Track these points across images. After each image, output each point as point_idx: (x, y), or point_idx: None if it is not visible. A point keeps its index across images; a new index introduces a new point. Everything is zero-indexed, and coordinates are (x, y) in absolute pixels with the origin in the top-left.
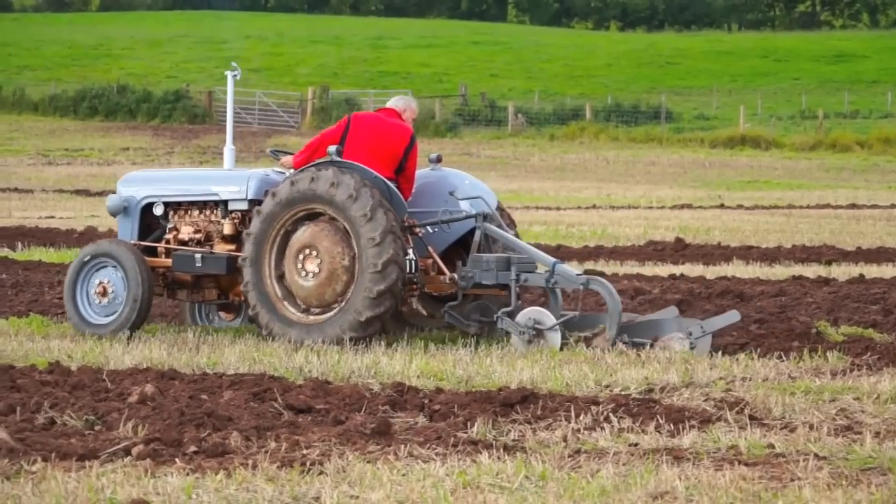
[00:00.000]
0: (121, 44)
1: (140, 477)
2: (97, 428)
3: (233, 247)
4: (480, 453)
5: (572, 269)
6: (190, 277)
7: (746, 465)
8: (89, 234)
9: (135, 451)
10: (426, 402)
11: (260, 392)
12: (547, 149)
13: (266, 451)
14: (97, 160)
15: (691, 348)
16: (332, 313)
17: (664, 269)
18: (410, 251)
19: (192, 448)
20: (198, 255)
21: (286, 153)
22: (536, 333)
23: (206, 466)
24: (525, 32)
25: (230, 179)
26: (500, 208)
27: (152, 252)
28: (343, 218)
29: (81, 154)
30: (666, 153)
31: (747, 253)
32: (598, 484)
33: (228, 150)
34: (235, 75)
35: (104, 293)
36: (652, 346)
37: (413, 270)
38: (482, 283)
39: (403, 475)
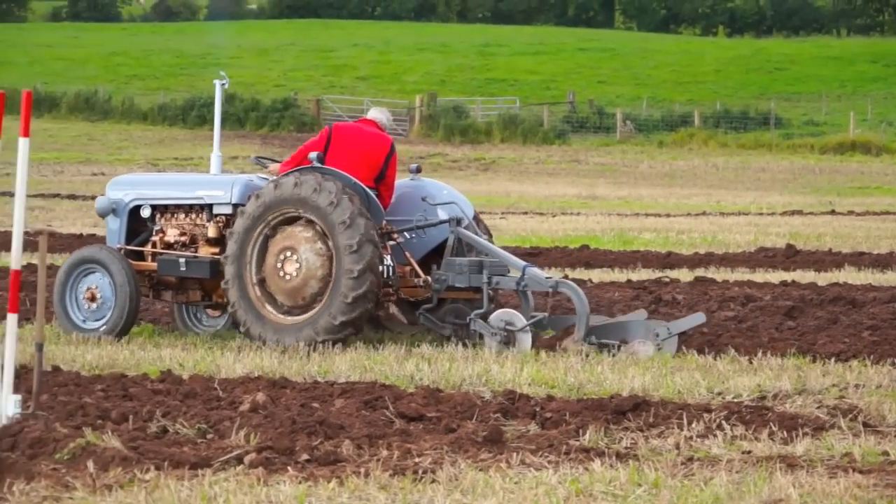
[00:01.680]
0: (228, 52)
1: (252, 485)
2: (209, 436)
3: (217, 250)
4: (593, 461)
5: (542, 272)
6: (175, 280)
7: (861, 472)
8: None
9: (247, 459)
10: (538, 409)
11: (371, 400)
12: (656, 155)
13: (378, 459)
14: (206, 169)
15: (658, 349)
16: (308, 315)
17: (775, 276)
18: (388, 258)
19: (305, 456)
20: (182, 260)
21: (271, 160)
22: (508, 335)
23: (319, 475)
24: (632, 39)
25: (215, 184)
26: (476, 217)
27: (139, 255)
28: (323, 223)
29: (191, 163)
30: (775, 159)
31: (859, 259)
32: (712, 492)
33: (215, 156)
34: (224, 84)
35: (93, 298)
36: (619, 347)
37: (390, 276)
38: (455, 286)
39: (516, 483)
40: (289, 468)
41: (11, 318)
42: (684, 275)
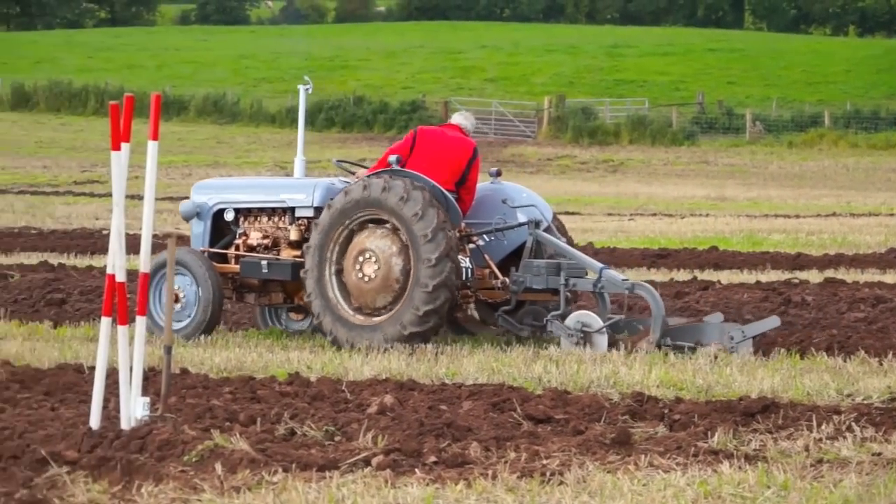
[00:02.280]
0: (357, 55)
1: (380, 487)
2: (337, 438)
3: (298, 252)
4: (721, 463)
5: (619, 274)
6: (257, 282)
7: None
8: None
9: (375, 461)
10: (666, 411)
11: (499, 402)
12: (785, 156)
13: (506, 462)
14: (336, 172)
15: (731, 351)
16: (380, 319)
17: None
18: (467, 260)
19: (432, 458)
20: (264, 262)
21: (353, 164)
22: (584, 336)
23: (446, 477)
24: (762, 39)
25: (297, 187)
26: (555, 220)
27: (223, 258)
28: (397, 220)
29: (318, 166)
30: None
31: None
32: (841, 494)
33: (299, 160)
34: (307, 89)
35: (176, 299)
36: (693, 349)
37: (468, 278)
38: (533, 288)
39: (644, 485)
40: (416, 470)
41: (140, 321)
42: (814, 276)
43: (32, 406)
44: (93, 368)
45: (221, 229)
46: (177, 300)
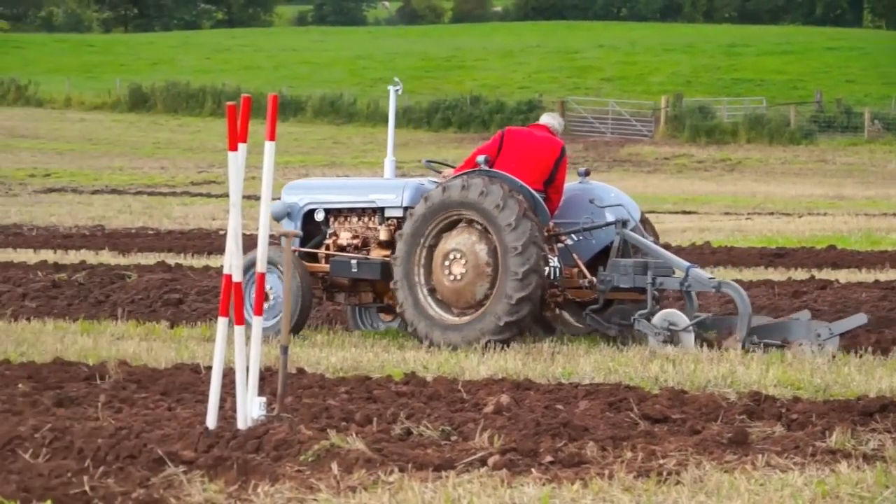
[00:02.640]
0: (473, 55)
1: (496, 487)
2: (453, 438)
3: (388, 252)
4: (839, 462)
5: (705, 273)
6: (347, 281)
7: None
8: None
9: (491, 461)
10: (783, 411)
11: (616, 402)
12: None
13: (622, 461)
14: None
15: (819, 349)
16: (472, 316)
17: None
18: (555, 259)
19: (549, 458)
20: (353, 261)
21: (443, 164)
22: (671, 334)
23: (563, 476)
24: (881, 37)
25: (387, 188)
26: (643, 220)
27: (313, 257)
28: (489, 225)
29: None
30: None
31: None
32: None
33: (389, 160)
34: (398, 90)
35: (266, 298)
36: (781, 347)
37: (556, 277)
38: (620, 287)
39: (761, 485)
40: (532, 470)
41: (256, 321)
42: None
43: (149, 406)
44: (209, 368)
45: (312, 229)
46: (266, 298)
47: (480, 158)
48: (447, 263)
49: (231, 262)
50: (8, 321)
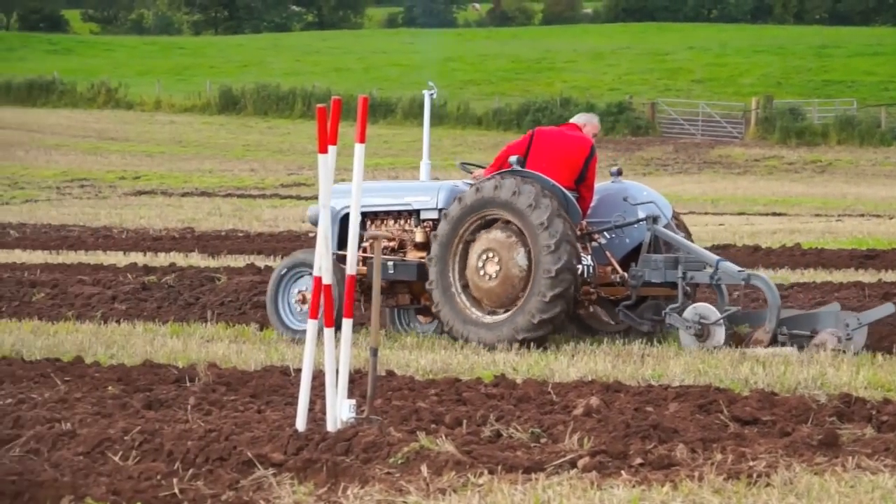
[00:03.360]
0: (563, 57)
1: (586, 489)
2: (543, 440)
3: (424, 254)
4: None
5: (735, 266)
6: (384, 283)
7: None
8: None
9: (580, 463)
10: (874, 412)
11: (705, 404)
12: None
13: (712, 463)
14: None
15: (848, 339)
16: (507, 314)
17: None
18: (588, 258)
19: (638, 460)
20: (390, 263)
21: (477, 166)
22: (702, 328)
23: (652, 478)
24: None
25: (422, 190)
26: (675, 217)
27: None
28: (522, 224)
29: None
30: None
31: None
32: None
33: (424, 163)
34: (432, 94)
35: (303, 300)
36: (810, 338)
37: (589, 275)
38: (651, 282)
39: (851, 487)
40: (622, 472)
41: (346, 324)
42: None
43: (239, 408)
44: (299, 371)
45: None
46: (304, 301)
47: (513, 159)
48: (481, 263)
49: (321, 264)
50: (98, 324)
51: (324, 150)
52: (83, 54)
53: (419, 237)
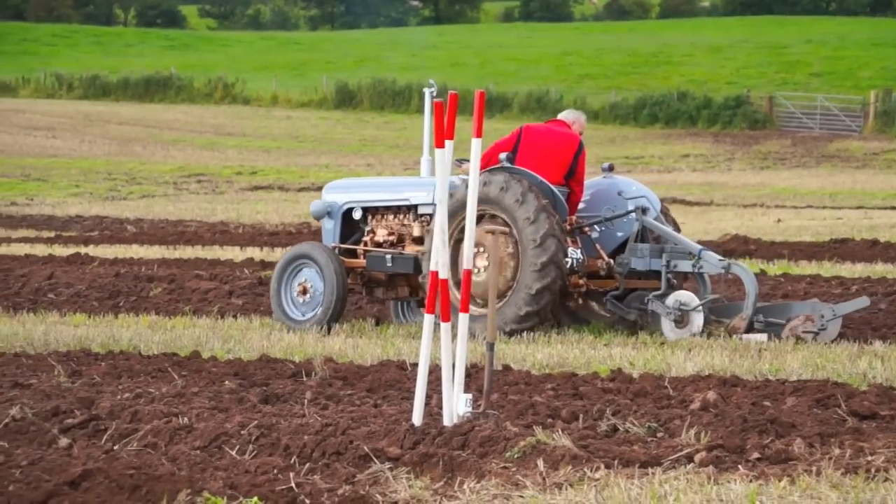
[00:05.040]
0: (681, 51)
1: (702, 484)
2: (659, 435)
3: (422, 247)
4: None
5: (716, 255)
6: (383, 276)
7: None
8: None
9: (697, 458)
10: None
11: (823, 398)
12: None
13: (830, 458)
14: (657, 167)
15: (822, 329)
16: (503, 301)
17: None
18: (578, 251)
19: (755, 455)
20: (388, 256)
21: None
22: (682, 314)
23: (770, 473)
24: None
25: (419, 186)
26: (664, 211)
27: (353, 254)
28: (509, 219)
29: (641, 161)
30: None
31: None
32: None
33: (425, 159)
34: (432, 92)
35: (304, 292)
36: (782, 326)
37: (576, 268)
38: (636, 270)
39: None
40: (739, 467)
41: (463, 318)
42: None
43: (355, 403)
44: (415, 365)
45: (351, 227)
46: (305, 292)
47: (503, 156)
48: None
49: (437, 259)
50: (215, 318)
51: (441, 145)
52: (200, 50)
53: (416, 231)
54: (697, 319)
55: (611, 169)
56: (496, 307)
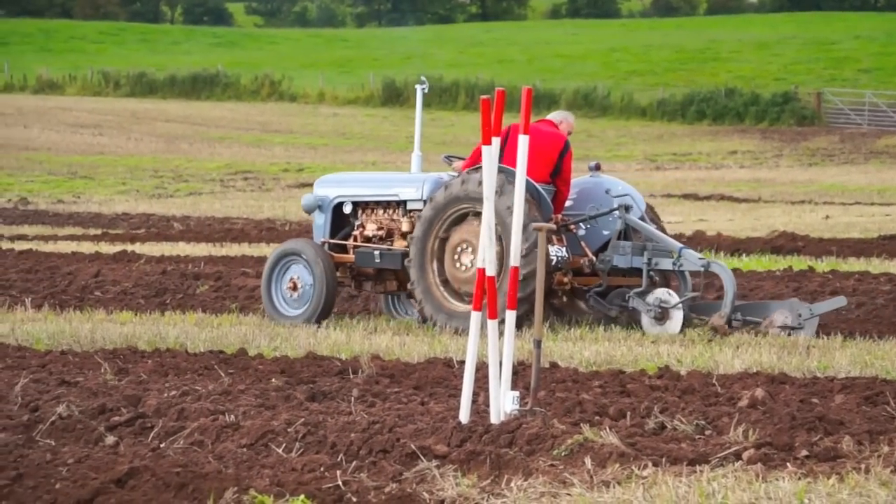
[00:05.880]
0: (728, 47)
1: (751, 482)
2: (707, 432)
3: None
4: None
5: (696, 254)
6: (372, 271)
7: None
8: (697, 238)
9: (745, 455)
10: None
11: (872, 395)
12: None
13: (879, 456)
14: (705, 164)
15: (799, 327)
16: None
17: None
18: (563, 249)
19: (804, 452)
20: (376, 252)
21: (460, 158)
22: (662, 311)
23: (818, 471)
24: None
25: (409, 182)
26: (649, 209)
27: (343, 248)
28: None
29: (689, 158)
30: None
31: None
32: None
33: (415, 155)
34: (424, 89)
35: (294, 288)
36: (759, 323)
37: (561, 264)
38: (618, 267)
39: None
40: (787, 464)
41: (510, 315)
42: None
43: (402, 400)
44: (462, 362)
45: (341, 221)
46: (296, 288)
47: None
48: (457, 255)
49: (485, 255)
50: (261, 316)
51: (487, 142)
52: (247, 47)
53: (405, 227)
54: (676, 317)
55: (597, 168)
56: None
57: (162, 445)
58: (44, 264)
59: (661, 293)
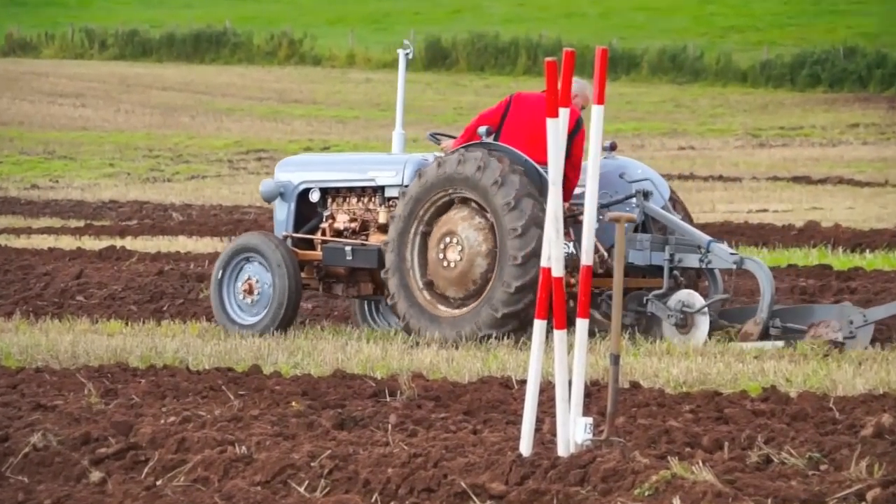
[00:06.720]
0: None
1: None
2: (823, 467)
3: (386, 237)
4: None
5: (727, 248)
6: (344, 271)
7: None
8: (809, 231)
9: (870, 495)
10: None
11: None
12: None
13: None
14: (819, 140)
15: (850, 337)
16: (469, 308)
17: None
18: (570, 245)
19: None
20: (348, 248)
21: (447, 136)
22: (684, 317)
23: None
24: None
25: (387, 164)
26: (672, 198)
27: (308, 244)
28: (486, 204)
29: (800, 133)
30: None
31: None
32: None
33: (398, 133)
34: (408, 53)
35: (250, 291)
36: (805, 332)
37: (568, 263)
38: (634, 265)
39: None
40: None
41: (581, 325)
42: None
43: (450, 428)
44: (523, 382)
45: (307, 212)
46: (251, 291)
47: (482, 130)
48: (442, 248)
49: (550, 252)
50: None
51: (553, 114)
52: None
53: (382, 218)
54: (702, 323)
55: (612, 148)
56: (472, 307)
57: (158, 483)
58: (15, 263)
59: (683, 296)
